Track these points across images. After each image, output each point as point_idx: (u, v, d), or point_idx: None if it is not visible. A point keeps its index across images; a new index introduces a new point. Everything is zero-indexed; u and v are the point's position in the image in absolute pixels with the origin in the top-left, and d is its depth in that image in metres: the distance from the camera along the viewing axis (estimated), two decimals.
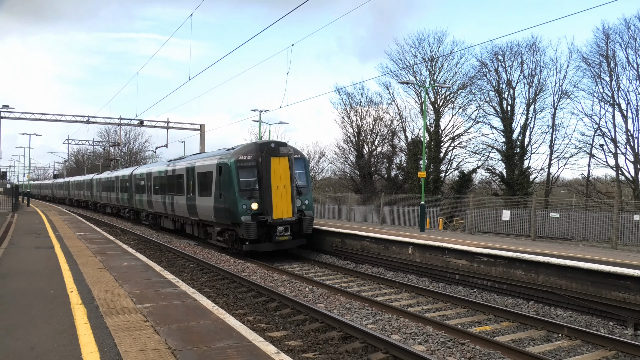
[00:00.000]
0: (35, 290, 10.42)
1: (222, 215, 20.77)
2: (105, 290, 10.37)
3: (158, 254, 21.46)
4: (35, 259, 14.92)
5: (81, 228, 26.99)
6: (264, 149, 19.81)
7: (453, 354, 8.84)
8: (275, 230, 19.56)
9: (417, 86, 49.31)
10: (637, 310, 10.93)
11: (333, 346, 9.39)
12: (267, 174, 19.47)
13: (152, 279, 11.86)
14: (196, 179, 23.75)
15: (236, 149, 21.20)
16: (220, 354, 6.52)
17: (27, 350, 6.61)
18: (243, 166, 19.94)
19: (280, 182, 19.64)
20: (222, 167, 20.67)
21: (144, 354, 6.47)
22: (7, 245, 18.45)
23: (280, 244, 19.91)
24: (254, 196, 19.67)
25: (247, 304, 12.89)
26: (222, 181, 20.61)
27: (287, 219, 19.67)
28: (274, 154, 19.77)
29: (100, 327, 7.64)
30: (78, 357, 6.32)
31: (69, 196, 72.90)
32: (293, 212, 19.84)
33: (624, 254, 16.45)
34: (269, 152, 19.70)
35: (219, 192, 20.87)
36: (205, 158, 23.92)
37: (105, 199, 49.40)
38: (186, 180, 25.32)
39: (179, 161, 28.53)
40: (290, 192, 19.80)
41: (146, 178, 33.77)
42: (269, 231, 19.68)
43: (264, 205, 19.47)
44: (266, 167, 19.51)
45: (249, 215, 19.32)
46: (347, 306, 12.33)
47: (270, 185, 19.38)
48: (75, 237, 21.69)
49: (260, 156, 19.75)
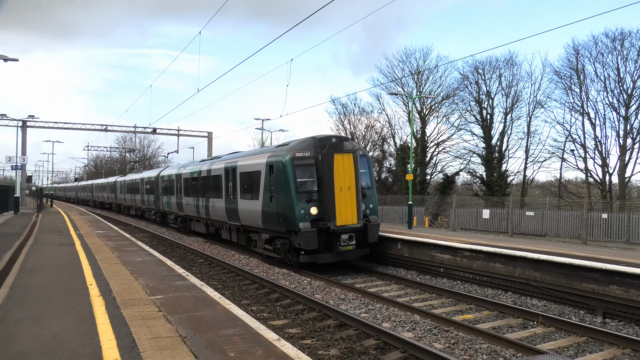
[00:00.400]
0: (58, 284, 10.38)
1: (273, 221, 16.70)
2: (122, 283, 10.34)
3: (170, 250, 21.41)
4: (58, 255, 14.86)
5: (100, 227, 26.90)
6: (325, 144, 15.80)
7: (438, 340, 8.84)
8: (339, 239, 15.59)
9: (404, 97, 49.38)
10: (605, 300, 10.94)
11: (329, 333, 9.37)
12: (329, 174, 15.46)
13: (164, 273, 11.82)
14: (238, 180, 19.53)
15: (290, 144, 16.98)
16: (226, 340, 6.50)
17: (50, 338, 6.58)
18: (300, 164, 15.88)
19: (344, 183, 15.70)
20: (274, 165, 16.54)
21: (157, 341, 6.44)
22: (32, 243, 18.38)
23: (343, 255, 16.02)
24: (312, 199, 15.72)
25: (251, 295, 12.87)
26: (274, 182, 16.53)
27: (352, 226, 15.71)
28: (337, 150, 15.78)
29: (117, 317, 7.61)
30: (97, 345, 6.29)
31: (92, 198, 69.55)
32: (358, 218, 15.86)
33: (592, 249, 16.47)
34: (331, 147, 15.69)
35: (268, 194, 16.80)
36: (250, 156, 19.57)
37: (130, 201, 45.29)
38: (225, 181, 21.02)
39: (214, 161, 23.86)
40: (355, 195, 15.82)
41: (175, 179, 29.29)
42: (329, 240, 15.78)
43: (325, 210, 15.55)
44: (328, 165, 15.51)
45: (308, 222, 15.42)
46: (342, 297, 12.31)
47: (333, 187, 15.44)
48: (94, 235, 21.61)
49: (320, 153, 15.81)
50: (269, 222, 17.00)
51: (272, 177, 16.66)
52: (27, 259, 14.11)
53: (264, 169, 17.15)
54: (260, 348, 6.21)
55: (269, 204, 16.71)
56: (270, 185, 16.76)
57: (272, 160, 16.73)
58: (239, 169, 19.46)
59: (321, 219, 15.54)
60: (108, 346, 6.22)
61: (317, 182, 15.88)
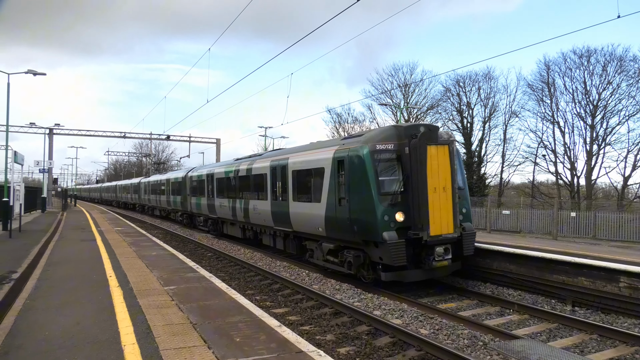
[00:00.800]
0: (80, 275, 10.35)
1: (342, 229, 12.33)
2: (138, 275, 10.30)
3: (182, 245, 21.33)
4: (81, 250, 14.81)
5: (118, 224, 26.81)
6: (413, 134, 11.44)
7: (424, 326, 8.82)
8: (431, 253, 11.28)
9: (393, 107, 49.42)
10: (574, 290, 10.93)
11: (325, 320, 9.34)
12: (421, 170, 11.12)
13: (176, 266, 11.79)
14: (290, 180, 15.19)
15: (366, 135, 12.54)
16: (232, 327, 6.48)
17: (73, 325, 6.56)
18: (383, 158, 11.61)
19: (439, 182, 11.47)
20: (345, 161, 12.10)
21: (170, 328, 6.42)
22: (57, 238, 18.32)
23: (433, 272, 11.64)
24: (397, 202, 11.35)
25: (255, 286, 12.82)
26: (346, 181, 12.09)
27: (448, 236, 11.43)
28: (431, 141, 11.49)
29: (134, 306, 7.58)
30: (115, 331, 6.27)
31: (116, 199, 65.20)
32: (455, 226, 11.52)
33: (563, 244, 16.49)
34: (424, 138, 11.29)
35: (336, 196, 12.48)
36: (306, 152, 14.77)
37: (154, 202, 40.60)
38: (271, 181, 16.70)
39: (255, 159, 19.12)
40: (452, 197, 11.54)
41: (206, 180, 24.75)
42: (417, 252, 11.49)
43: (414, 216, 11.17)
44: (420, 159, 11.17)
45: (393, 231, 11.07)
46: (337, 287, 12.27)
47: (425, 187, 11.10)
48: (113, 231, 21.54)
49: (407, 144, 11.49)
50: (335, 230, 12.70)
51: (341, 175, 12.34)
52: (52, 253, 14.06)
53: (330, 165, 12.83)
54: (263, 334, 6.19)
55: (337, 207, 12.44)
56: (338, 185, 12.45)
57: (342, 155, 12.37)
58: (292, 167, 15.12)
59: (408, 227, 11.24)
60: (126, 332, 6.19)
61: (403, 181, 11.48)
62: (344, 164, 12.22)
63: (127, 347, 5.63)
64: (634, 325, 9.12)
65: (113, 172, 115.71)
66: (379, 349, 7.66)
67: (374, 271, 11.88)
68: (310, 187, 13.97)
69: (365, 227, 11.48)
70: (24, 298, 8.16)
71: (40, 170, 42.20)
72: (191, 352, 5.49)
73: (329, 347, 7.69)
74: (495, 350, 7.29)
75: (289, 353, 5.48)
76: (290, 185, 15.15)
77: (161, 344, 5.75)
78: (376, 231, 11.10)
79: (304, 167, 14.39)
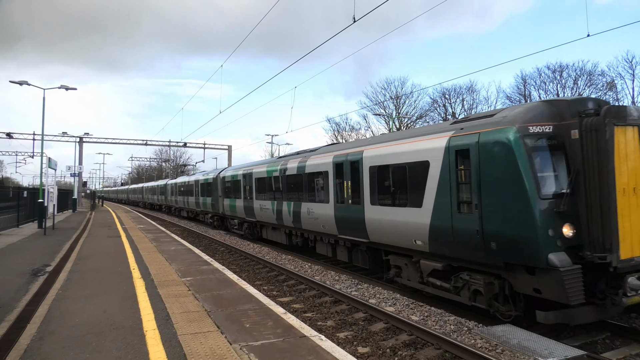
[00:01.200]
0: (107, 268, 10.35)
1: (464, 244, 7.98)
2: (158, 268, 10.30)
3: (197, 241, 21.30)
4: (107, 245, 14.82)
5: (141, 222, 26.83)
6: (581, 110, 7.16)
7: (415, 313, 8.79)
8: (621, 283, 6.90)
9: (386, 117, 49.55)
10: None
11: (326, 308, 9.32)
12: (604, 162, 6.72)
13: (192, 259, 11.78)
14: (365, 178, 10.89)
15: (506, 112, 7.80)
16: (243, 314, 6.48)
17: (100, 313, 6.55)
18: (539, 146, 7.23)
19: (629, 181, 7.01)
20: (474, 149, 7.76)
21: (187, 315, 6.42)
22: (86, 235, 18.33)
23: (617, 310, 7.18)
24: (564, 210, 6.86)
25: (263, 277, 12.80)
26: (475, 178, 7.71)
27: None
28: (618, 120, 6.92)
29: (155, 295, 7.58)
30: (138, 318, 6.26)
31: (142, 200, 61.76)
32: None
33: None
34: (610, 114, 6.81)
35: (453, 198, 8.19)
36: (394, 142, 10.22)
37: (182, 203, 36.64)
38: (334, 180, 12.45)
39: (310, 155, 14.45)
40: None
41: (242, 180, 20.49)
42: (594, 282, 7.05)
43: (596, 230, 6.77)
44: (602, 147, 6.75)
45: (562, 251, 6.80)
46: (337, 278, 12.24)
47: (612, 187, 6.72)
48: (136, 229, 21.55)
49: (574, 125, 7.12)
50: (449, 245, 8.34)
51: (463, 170, 8.07)
52: (82, 248, 14.07)
53: (440, 158, 8.50)
54: (271, 320, 6.18)
55: (454, 215, 8.11)
56: (456, 183, 8.13)
57: (464, 143, 7.98)
58: (369, 162, 10.79)
59: (577, 246, 6.93)
60: (147, 319, 6.19)
61: (571, 179, 7.04)
62: (468, 155, 7.84)
63: (148, 332, 5.63)
64: None
65: (136, 176, 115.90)
66: (374, 333, 7.64)
67: (515, 304, 7.63)
68: (401, 186, 9.72)
69: (514, 244, 7.11)
70: (56, 289, 8.16)
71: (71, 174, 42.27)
72: (206, 337, 5.48)
73: (330, 332, 7.67)
74: (479, 335, 7.27)
75: (293, 337, 5.48)
76: (365, 185, 10.90)
77: (179, 329, 5.75)
78: (536, 251, 6.80)
79: (391, 161, 10.00)
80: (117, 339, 5.42)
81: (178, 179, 39.78)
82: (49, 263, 11.32)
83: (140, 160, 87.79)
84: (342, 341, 7.29)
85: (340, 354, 5.02)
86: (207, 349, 5.07)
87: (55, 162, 26.49)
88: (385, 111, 51.53)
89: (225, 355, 4.86)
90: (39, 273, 10.04)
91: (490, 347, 6.78)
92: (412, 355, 6.69)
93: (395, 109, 51.87)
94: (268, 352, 5.01)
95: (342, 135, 59.16)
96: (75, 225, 23.93)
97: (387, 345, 7.06)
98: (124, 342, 5.31)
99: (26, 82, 25.54)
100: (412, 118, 50.41)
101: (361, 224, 11.10)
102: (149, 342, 5.26)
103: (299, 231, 15.32)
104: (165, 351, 4.98)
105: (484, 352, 6.38)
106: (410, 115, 49.93)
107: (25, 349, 5.10)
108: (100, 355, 4.91)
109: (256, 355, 4.89)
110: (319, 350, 5.07)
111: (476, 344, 6.94)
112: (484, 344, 6.93)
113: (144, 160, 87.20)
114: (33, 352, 5.00)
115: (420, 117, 50.73)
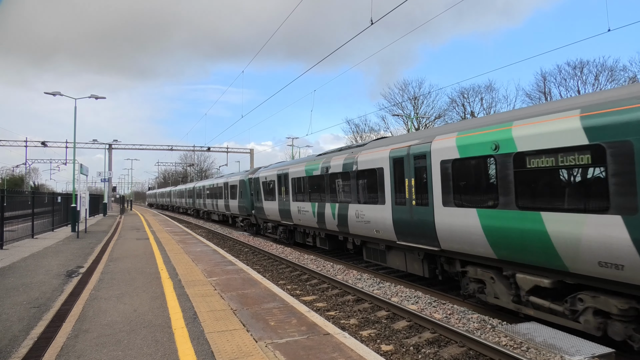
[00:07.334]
0: (136, 269, 10.53)
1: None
2: (185, 268, 10.43)
3: (222, 242, 21.51)
4: (136, 247, 15.10)
5: (168, 225, 27.27)
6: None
7: (437, 311, 8.66)
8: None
9: (404, 117, 49.13)
10: None
11: (349, 306, 9.27)
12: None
13: (218, 260, 11.89)
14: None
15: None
16: (267, 312, 6.49)
17: (131, 311, 6.67)
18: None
19: None
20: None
21: (213, 313, 6.47)
22: (117, 238, 18.73)
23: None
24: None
25: (286, 276, 12.82)
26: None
27: None
28: None
29: (182, 295, 7.67)
30: (167, 316, 6.35)
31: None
32: None
33: None
34: None
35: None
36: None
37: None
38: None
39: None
40: None
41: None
42: None
43: None
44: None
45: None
46: (359, 277, 12.17)
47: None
48: (163, 231, 21.91)
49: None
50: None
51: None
52: (113, 250, 14.37)
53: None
54: (295, 318, 6.17)
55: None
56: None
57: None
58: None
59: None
60: (176, 317, 6.26)
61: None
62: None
63: (177, 330, 5.69)
64: None
65: (162, 180, 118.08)
66: (397, 331, 7.55)
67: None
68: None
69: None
70: (90, 289, 8.35)
71: (102, 179, 43.43)
72: (232, 334, 5.51)
73: (353, 330, 7.62)
74: (503, 333, 7.10)
75: (317, 335, 5.45)
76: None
77: (206, 327, 5.80)
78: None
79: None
80: (147, 336, 5.50)
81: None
82: (82, 265, 11.60)
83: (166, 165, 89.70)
84: (365, 339, 7.23)
85: (364, 351, 4.97)
86: (234, 346, 5.09)
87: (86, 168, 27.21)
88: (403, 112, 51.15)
89: (251, 352, 4.88)
90: (73, 274, 10.30)
91: (515, 345, 6.62)
92: (436, 352, 6.58)
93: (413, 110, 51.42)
94: (293, 349, 5.00)
95: (361, 136, 59.00)
96: (106, 229, 24.50)
97: (410, 343, 6.96)
98: (154, 339, 5.39)
99: (59, 93, 26.37)
100: (430, 118, 49.86)
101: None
102: (177, 340, 5.32)
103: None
104: (193, 348, 5.03)
105: (509, 350, 6.23)
106: (429, 114, 49.39)
107: (62, 346, 5.23)
108: (131, 352, 4.99)
109: (282, 353, 4.89)
110: (343, 348, 5.03)
111: (500, 342, 6.78)
112: (509, 341, 6.77)
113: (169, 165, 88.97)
114: (69, 350, 5.12)
115: (438, 117, 50.12)
